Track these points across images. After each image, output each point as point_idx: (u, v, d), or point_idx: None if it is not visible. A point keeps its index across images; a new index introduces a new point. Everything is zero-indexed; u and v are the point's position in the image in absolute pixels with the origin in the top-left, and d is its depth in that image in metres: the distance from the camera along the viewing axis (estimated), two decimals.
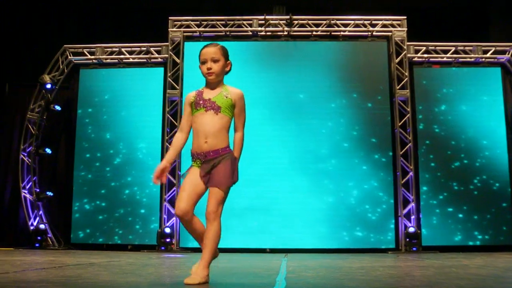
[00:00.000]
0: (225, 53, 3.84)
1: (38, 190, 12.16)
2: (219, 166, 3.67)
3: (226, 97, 3.78)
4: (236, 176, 3.75)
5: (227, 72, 3.90)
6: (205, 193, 3.77)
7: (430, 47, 12.14)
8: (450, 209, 11.47)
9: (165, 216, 11.50)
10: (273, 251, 11.14)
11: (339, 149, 11.70)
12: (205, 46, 3.86)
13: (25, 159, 12.25)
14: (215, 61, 3.76)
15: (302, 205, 11.47)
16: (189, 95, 3.89)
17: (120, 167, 12.00)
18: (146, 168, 11.79)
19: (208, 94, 3.80)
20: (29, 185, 12.17)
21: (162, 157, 11.64)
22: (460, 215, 11.44)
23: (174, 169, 11.61)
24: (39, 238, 11.84)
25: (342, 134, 11.78)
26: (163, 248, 11.18)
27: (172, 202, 11.45)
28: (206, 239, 3.68)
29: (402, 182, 11.47)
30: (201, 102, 3.77)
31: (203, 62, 3.80)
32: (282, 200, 11.51)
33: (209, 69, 3.75)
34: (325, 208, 11.48)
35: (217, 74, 3.77)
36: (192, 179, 3.71)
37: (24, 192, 12.08)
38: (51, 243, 11.95)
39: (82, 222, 11.87)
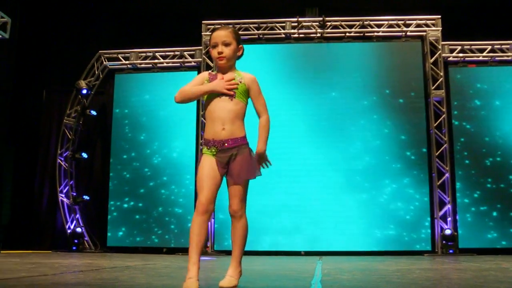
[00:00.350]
0: (237, 36, 3.65)
1: (74, 194, 12.33)
2: (238, 161, 3.48)
3: (240, 82, 3.58)
4: (258, 170, 3.59)
5: (239, 57, 3.71)
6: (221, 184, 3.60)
7: (465, 46, 11.95)
8: (484, 208, 11.27)
9: None
10: (308, 253, 11.10)
11: (370, 147, 11.62)
12: (216, 29, 3.68)
13: (62, 163, 12.44)
14: (226, 44, 3.56)
15: (334, 204, 11.44)
16: (204, 74, 3.72)
17: (157, 167, 12.13)
18: (181, 168, 11.94)
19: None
20: (66, 189, 12.34)
21: (197, 157, 11.74)
22: (495, 213, 11.23)
23: None
24: (76, 241, 12.00)
25: (373, 131, 11.69)
26: None
27: None
28: (236, 237, 3.56)
29: (438, 183, 11.31)
30: None
31: (214, 46, 3.60)
32: (314, 198, 11.49)
33: (220, 53, 3.55)
34: (357, 206, 11.41)
35: (228, 58, 3.58)
36: (209, 171, 3.48)
37: (61, 196, 12.26)
38: (87, 246, 12.10)
39: (119, 222, 12.03)
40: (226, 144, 3.48)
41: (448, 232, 10.92)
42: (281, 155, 11.27)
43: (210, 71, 3.72)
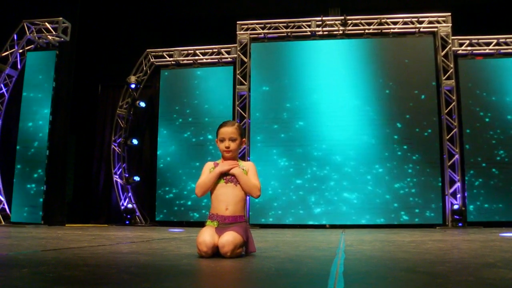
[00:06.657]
0: (241, 132, 3.69)
1: (127, 175, 12.50)
2: (233, 227, 3.42)
3: (243, 169, 3.62)
4: (251, 244, 3.55)
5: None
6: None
7: (473, 40, 11.73)
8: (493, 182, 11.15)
9: None
10: (332, 226, 11.09)
11: (388, 132, 11.52)
12: (223, 125, 3.68)
13: (116, 149, 12.61)
14: (233, 140, 3.62)
15: (355, 182, 11.39)
16: (208, 164, 3.70)
17: (197, 154, 12.19)
18: (217, 157, 11.94)
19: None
20: (119, 171, 12.52)
21: None
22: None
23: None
24: (128, 216, 12.19)
25: (391, 118, 11.58)
26: None
27: None
28: None
29: (449, 164, 11.18)
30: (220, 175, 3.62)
31: (221, 140, 3.64)
32: (337, 176, 11.45)
33: (227, 147, 3.61)
34: (375, 184, 11.35)
35: (233, 151, 3.64)
36: (209, 232, 3.40)
37: (116, 177, 12.45)
38: (138, 220, 12.28)
39: (165, 200, 12.15)
40: (227, 220, 3.47)
41: (456, 207, 10.82)
42: (310, 138, 11.33)
43: (214, 161, 3.72)
